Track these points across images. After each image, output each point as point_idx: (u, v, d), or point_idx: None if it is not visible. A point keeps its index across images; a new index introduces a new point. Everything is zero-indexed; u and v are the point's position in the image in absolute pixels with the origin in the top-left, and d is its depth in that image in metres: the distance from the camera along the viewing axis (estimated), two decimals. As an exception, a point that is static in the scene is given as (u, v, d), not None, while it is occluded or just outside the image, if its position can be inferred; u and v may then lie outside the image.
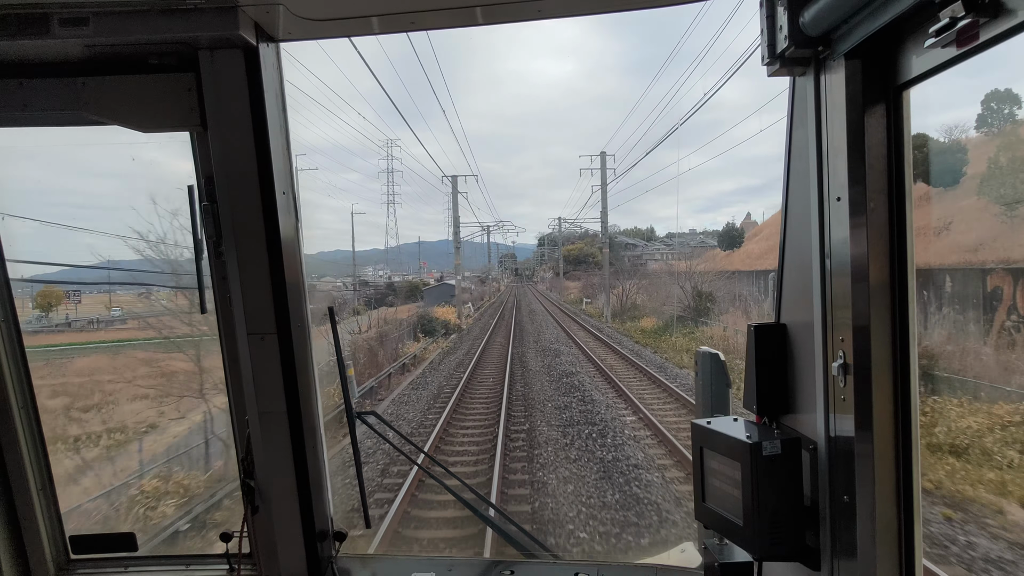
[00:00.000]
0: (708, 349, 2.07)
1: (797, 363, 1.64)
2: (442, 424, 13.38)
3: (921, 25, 1.19)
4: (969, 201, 16.92)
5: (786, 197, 1.67)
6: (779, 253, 1.75)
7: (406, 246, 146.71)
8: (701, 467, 1.74)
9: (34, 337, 17.91)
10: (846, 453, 1.43)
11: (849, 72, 1.35)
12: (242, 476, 2.08)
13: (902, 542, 1.40)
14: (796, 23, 1.40)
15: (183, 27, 1.67)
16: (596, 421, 13.52)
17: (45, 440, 2.27)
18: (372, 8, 1.73)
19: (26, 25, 1.66)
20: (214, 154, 1.83)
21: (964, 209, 16.96)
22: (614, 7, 1.77)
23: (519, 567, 2.27)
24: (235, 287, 1.91)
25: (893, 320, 1.38)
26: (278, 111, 1.90)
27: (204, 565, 2.29)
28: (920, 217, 4.84)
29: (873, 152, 1.36)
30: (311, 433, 2.09)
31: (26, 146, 2.47)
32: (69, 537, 2.32)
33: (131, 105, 1.81)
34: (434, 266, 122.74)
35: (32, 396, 2.23)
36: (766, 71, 1.56)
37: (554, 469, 10.47)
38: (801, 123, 1.55)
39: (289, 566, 2.14)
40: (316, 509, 2.14)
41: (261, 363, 1.96)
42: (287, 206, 1.95)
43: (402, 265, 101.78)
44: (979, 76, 20.06)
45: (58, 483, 2.30)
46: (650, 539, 7.85)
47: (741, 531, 1.57)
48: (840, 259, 1.42)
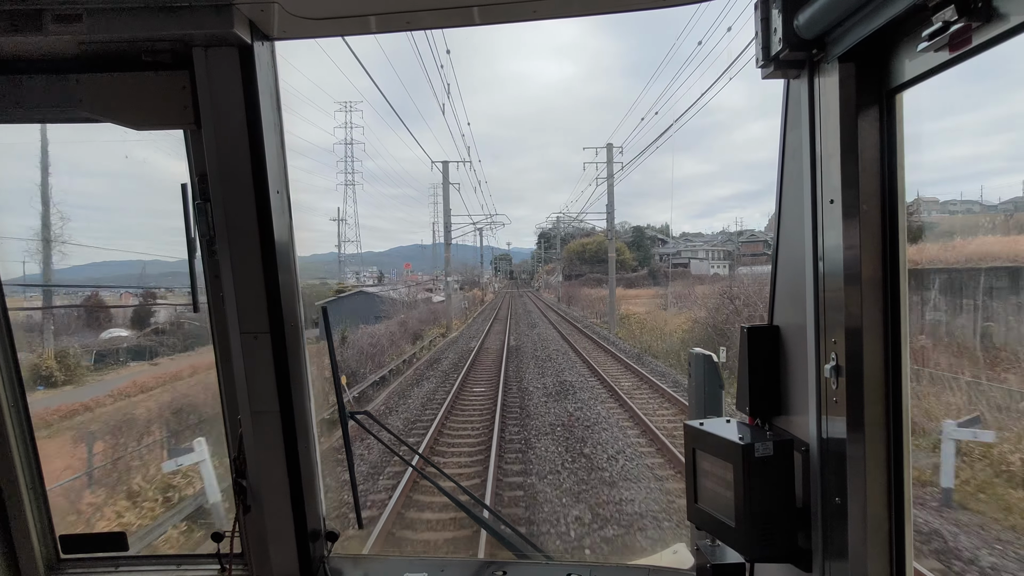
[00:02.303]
0: (701, 350, 2.07)
1: (790, 365, 1.65)
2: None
3: (914, 29, 1.20)
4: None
5: (779, 199, 1.68)
6: (772, 255, 1.76)
7: (401, 248, 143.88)
8: (693, 468, 1.74)
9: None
10: (838, 455, 1.43)
11: (843, 75, 1.36)
12: (234, 475, 2.07)
13: (893, 543, 1.41)
14: (790, 26, 1.40)
15: (177, 24, 1.67)
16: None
17: (35, 439, 2.25)
18: (368, 7, 1.73)
19: (19, 21, 1.65)
20: (208, 152, 1.82)
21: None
22: (610, 8, 1.78)
23: (512, 568, 2.26)
24: (228, 286, 1.90)
25: (885, 323, 1.39)
26: (272, 110, 1.89)
27: (195, 565, 2.27)
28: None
29: (866, 155, 1.36)
30: (304, 433, 2.08)
31: (20, 143, 2.46)
32: (59, 536, 2.30)
33: (125, 102, 1.80)
34: (428, 268, 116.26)
35: (23, 394, 2.21)
36: (760, 73, 1.57)
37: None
38: (795, 126, 1.56)
39: (281, 566, 2.13)
40: (308, 509, 2.13)
41: (254, 362, 1.95)
42: (281, 205, 1.94)
43: (387, 267, 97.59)
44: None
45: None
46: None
47: (733, 532, 1.58)
48: (833, 261, 1.42)
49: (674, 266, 70.80)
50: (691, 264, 70.59)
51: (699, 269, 67.37)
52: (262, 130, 1.82)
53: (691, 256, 73.43)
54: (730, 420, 1.75)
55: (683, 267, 69.59)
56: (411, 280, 68.34)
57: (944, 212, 29.12)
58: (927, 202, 29.07)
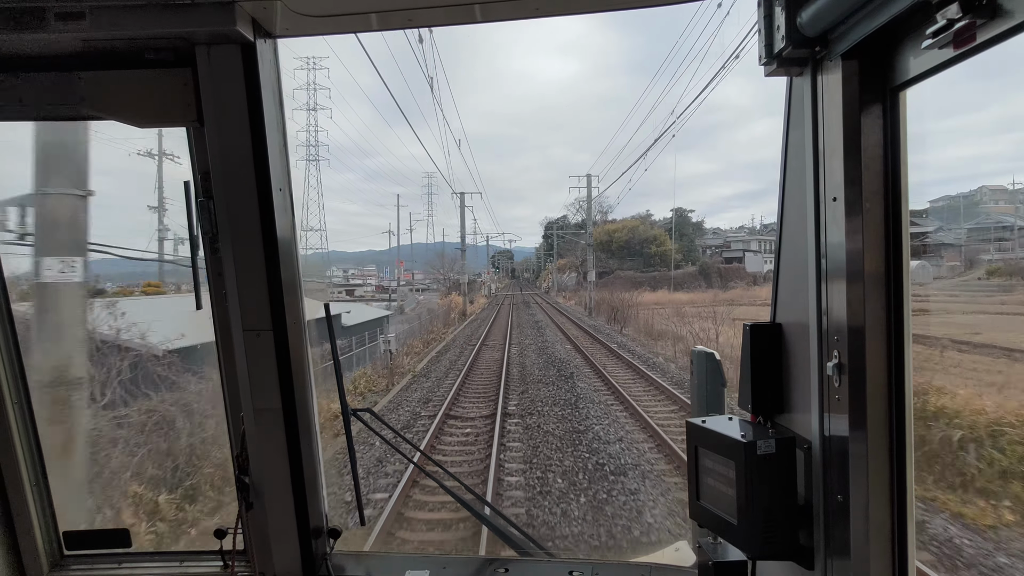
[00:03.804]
0: (703, 348, 2.07)
1: (792, 363, 1.65)
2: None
3: (918, 26, 1.19)
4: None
5: (782, 197, 1.68)
6: (775, 253, 1.76)
7: (402, 247, 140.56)
8: (695, 466, 1.74)
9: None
10: (840, 453, 1.43)
11: (846, 73, 1.35)
12: (236, 473, 2.07)
13: (895, 541, 1.41)
14: (793, 23, 1.40)
15: (180, 22, 1.67)
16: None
17: (39, 435, 2.26)
18: (370, 5, 1.73)
19: (22, 18, 1.65)
20: (211, 150, 1.82)
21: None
22: (612, 6, 1.77)
23: (513, 565, 2.27)
24: (231, 283, 1.90)
25: (888, 321, 1.39)
26: (275, 107, 1.90)
27: (198, 561, 2.28)
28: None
29: (869, 153, 1.36)
30: (306, 430, 2.09)
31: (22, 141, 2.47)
32: (63, 533, 2.31)
33: (127, 100, 1.81)
34: (420, 267, 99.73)
35: (26, 391, 2.22)
36: (763, 71, 1.56)
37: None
38: (798, 123, 1.56)
39: (283, 563, 2.14)
40: (311, 506, 2.14)
41: (256, 360, 1.96)
42: (283, 203, 1.95)
43: (385, 266, 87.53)
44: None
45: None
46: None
47: (735, 530, 1.58)
48: (835, 259, 1.42)
49: (726, 261, 53.80)
50: (746, 258, 54.19)
51: (754, 265, 52.10)
52: (264, 127, 1.83)
53: (744, 248, 56.80)
54: (732, 418, 1.75)
55: (737, 262, 52.62)
56: (360, 278, 57.77)
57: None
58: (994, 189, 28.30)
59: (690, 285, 49.71)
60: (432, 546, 7.90)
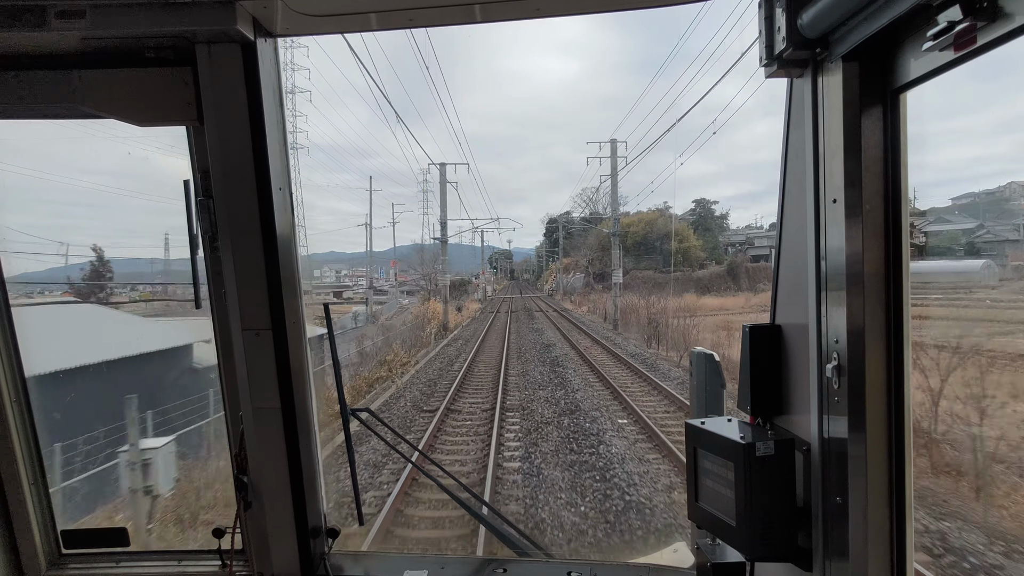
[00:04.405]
0: (703, 349, 2.07)
1: (791, 364, 1.65)
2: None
3: (919, 28, 1.19)
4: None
5: (782, 198, 1.68)
6: (775, 254, 1.76)
7: (402, 248, 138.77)
8: (694, 467, 1.74)
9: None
10: (839, 455, 1.43)
11: (846, 74, 1.35)
12: (235, 472, 2.07)
13: (894, 543, 1.41)
14: (794, 25, 1.40)
15: (180, 21, 1.67)
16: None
17: (38, 434, 2.26)
18: (370, 4, 1.73)
19: (22, 17, 1.65)
20: (211, 149, 1.82)
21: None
22: (612, 7, 1.77)
23: (512, 565, 2.27)
24: (230, 283, 1.90)
25: (887, 322, 1.39)
26: (275, 107, 1.89)
27: (196, 560, 2.28)
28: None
29: (869, 154, 1.36)
30: (305, 430, 2.09)
31: (21, 140, 2.46)
32: (61, 532, 2.31)
33: (127, 99, 1.80)
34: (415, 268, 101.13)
35: (26, 391, 2.22)
36: (764, 72, 1.56)
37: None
38: (798, 125, 1.55)
39: (282, 562, 2.14)
40: (309, 505, 2.14)
41: (255, 359, 1.96)
42: (283, 202, 1.94)
43: (380, 266, 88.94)
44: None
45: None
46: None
47: (734, 531, 1.58)
48: (835, 261, 1.42)
49: (753, 260, 48.21)
50: (772, 256, 56.17)
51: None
52: (264, 126, 1.83)
53: (771, 245, 54.62)
54: (731, 419, 1.75)
55: (764, 260, 47.57)
56: (352, 279, 52.02)
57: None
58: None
59: (719, 287, 44.26)
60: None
